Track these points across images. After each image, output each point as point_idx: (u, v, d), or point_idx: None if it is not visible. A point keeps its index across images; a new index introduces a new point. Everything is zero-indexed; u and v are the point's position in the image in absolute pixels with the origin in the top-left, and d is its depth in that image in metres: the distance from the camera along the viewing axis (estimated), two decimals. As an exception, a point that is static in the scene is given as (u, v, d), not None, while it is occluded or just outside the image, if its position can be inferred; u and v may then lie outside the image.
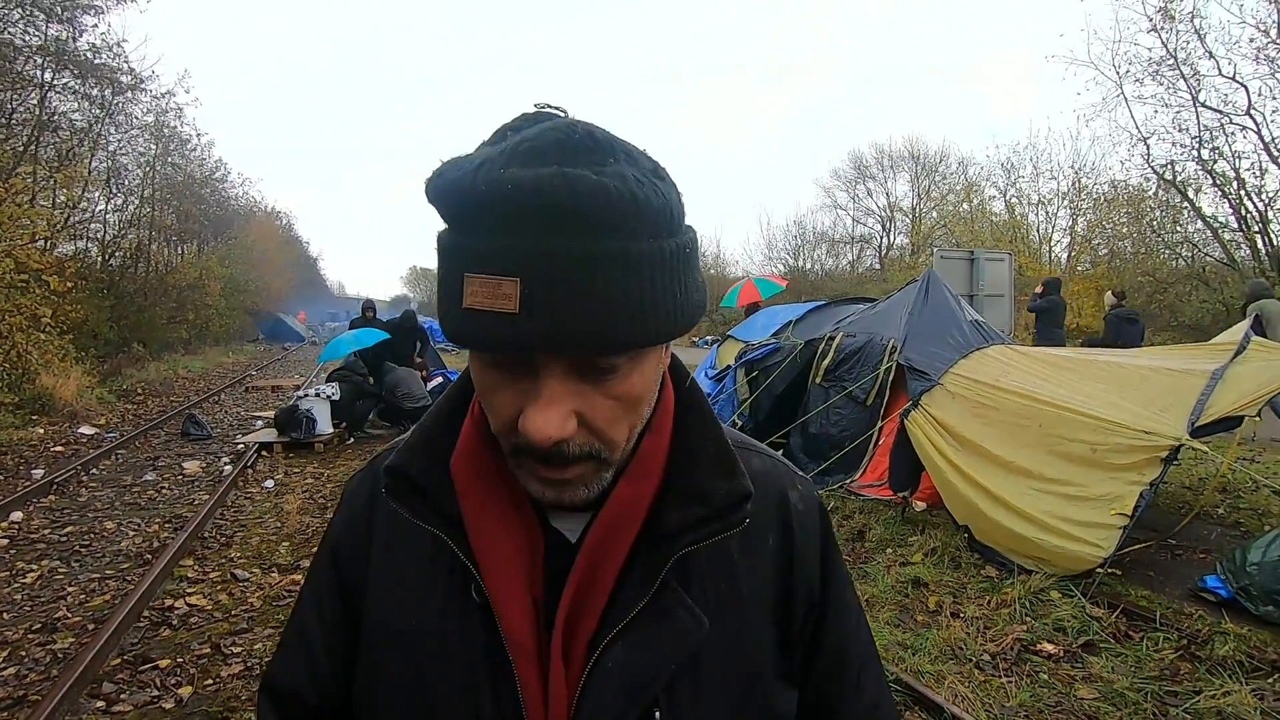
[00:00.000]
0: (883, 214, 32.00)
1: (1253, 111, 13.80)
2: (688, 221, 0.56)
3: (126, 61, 15.02)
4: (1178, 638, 3.32)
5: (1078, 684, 3.01)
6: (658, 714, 0.59)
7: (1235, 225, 14.56)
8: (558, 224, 0.46)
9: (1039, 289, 10.03)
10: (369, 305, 11.04)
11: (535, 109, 0.54)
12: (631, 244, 0.48)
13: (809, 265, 32.42)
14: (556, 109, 0.54)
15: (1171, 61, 14.57)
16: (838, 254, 33.21)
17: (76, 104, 14.31)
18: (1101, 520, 3.76)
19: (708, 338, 23.51)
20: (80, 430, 9.31)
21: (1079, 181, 21.19)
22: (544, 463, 0.54)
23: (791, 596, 0.67)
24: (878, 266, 30.28)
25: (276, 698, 0.71)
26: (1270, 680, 2.96)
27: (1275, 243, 13.82)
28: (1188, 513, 4.94)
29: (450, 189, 0.49)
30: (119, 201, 17.49)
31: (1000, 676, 3.06)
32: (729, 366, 7.44)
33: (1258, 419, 4.78)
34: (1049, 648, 3.29)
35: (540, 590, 0.60)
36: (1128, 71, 15.60)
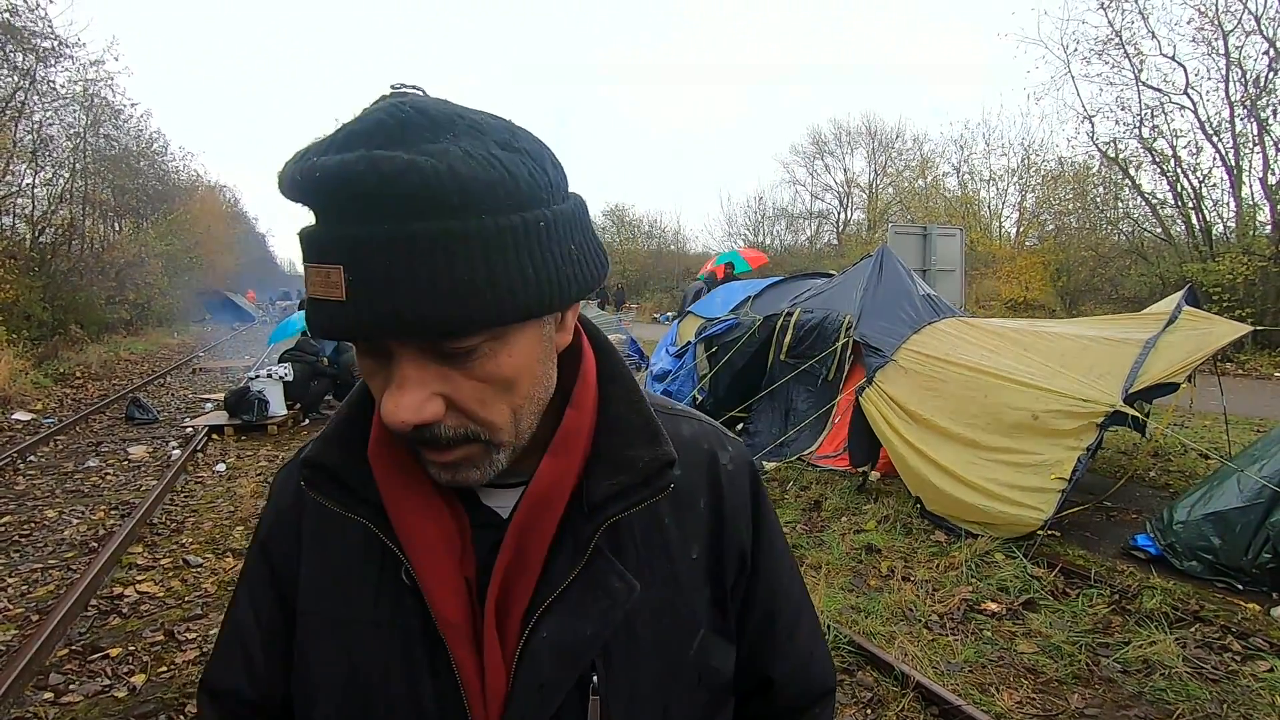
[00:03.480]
0: (840, 189, 32.35)
1: (1190, 91, 14.32)
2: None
3: (50, 25, 14.12)
4: (1110, 593, 3.53)
5: (1018, 639, 3.18)
6: (595, 678, 0.60)
7: (1171, 202, 15.16)
8: (368, 209, 0.46)
9: None
10: None
11: (392, 89, 0.52)
12: (455, 222, 0.47)
13: (768, 241, 32.65)
14: (414, 88, 0.53)
15: (1117, 40, 14.98)
16: (796, 229, 33.52)
17: (-6, 70, 13.42)
18: (1042, 485, 3.94)
19: (668, 314, 23.62)
20: (14, 416, 8.88)
21: (1028, 158, 21.78)
22: (423, 446, 0.54)
23: (723, 555, 0.68)
24: (835, 242, 30.68)
25: (216, 697, 0.71)
26: (1192, 629, 3.18)
27: (1208, 219, 14.46)
28: (1122, 476, 5.22)
29: (280, 180, 0.49)
30: (47, 175, 16.54)
31: (947, 635, 3.21)
32: (689, 343, 7.49)
33: (1191, 385, 5.05)
34: (993, 606, 3.46)
35: (473, 570, 0.60)
36: (1075, 50, 15.99)
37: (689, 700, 0.65)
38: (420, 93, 0.52)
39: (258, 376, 8.30)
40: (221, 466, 6.51)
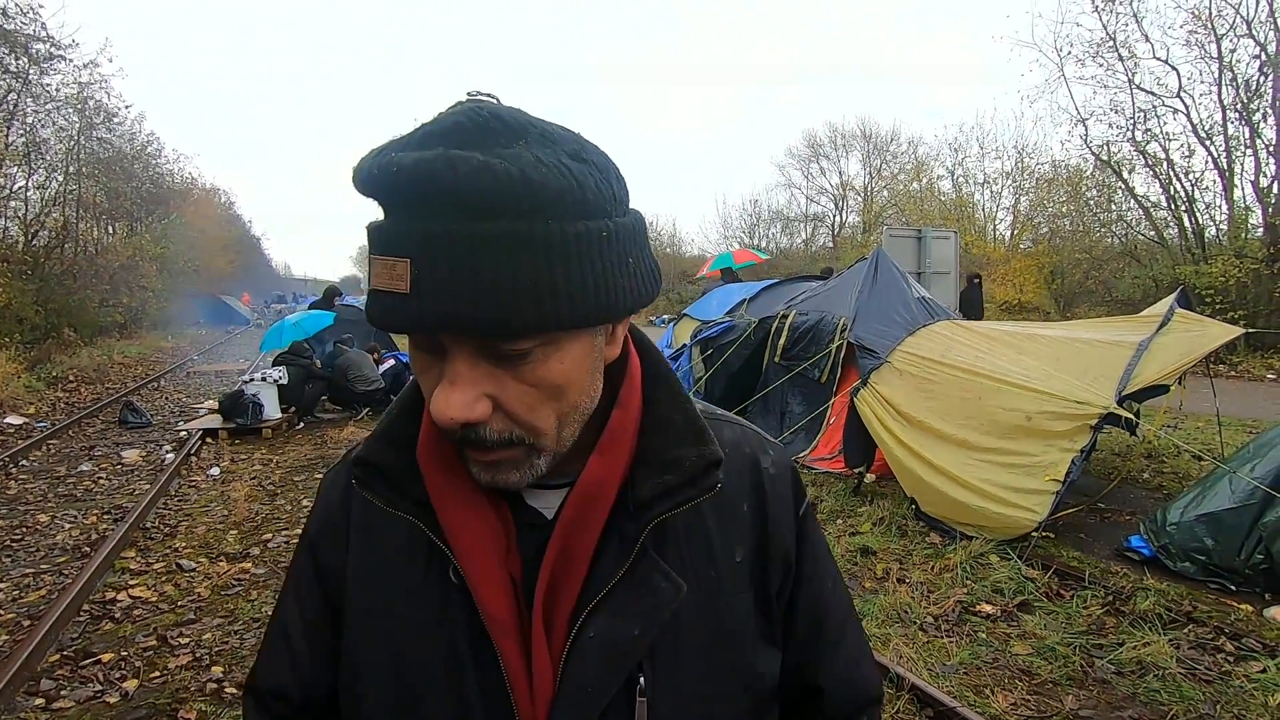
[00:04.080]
0: (836, 192, 32.49)
1: (1183, 94, 14.43)
2: (633, 206, 0.56)
3: (44, 28, 14.07)
4: (1104, 595, 3.54)
5: (1013, 641, 3.18)
6: (641, 680, 0.60)
7: (1164, 205, 15.25)
8: (441, 206, 0.47)
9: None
10: (333, 290, 11.29)
11: (468, 96, 0.54)
12: (522, 225, 0.47)
13: (764, 243, 32.74)
14: (489, 96, 0.54)
15: (1110, 44, 15.08)
16: (792, 232, 33.68)
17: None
18: (1036, 487, 3.95)
19: (664, 316, 23.60)
20: (6, 420, 8.83)
21: (1022, 161, 21.89)
22: (466, 445, 0.55)
23: (767, 560, 0.68)
24: (831, 245, 30.76)
25: (261, 697, 0.71)
26: (1185, 630, 3.19)
27: (1200, 222, 14.55)
28: (1116, 478, 5.24)
29: (355, 174, 0.50)
30: (40, 178, 16.47)
31: (942, 637, 3.21)
32: (684, 345, 7.49)
33: (1182, 387, 5.08)
34: (987, 608, 3.46)
35: (518, 569, 0.61)
36: (1069, 52, 16.10)
37: (734, 704, 0.65)
38: (495, 100, 0.54)
39: (252, 380, 8.27)
40: (216, 470, 6.48)
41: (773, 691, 0.69)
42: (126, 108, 20.28)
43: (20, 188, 15.62)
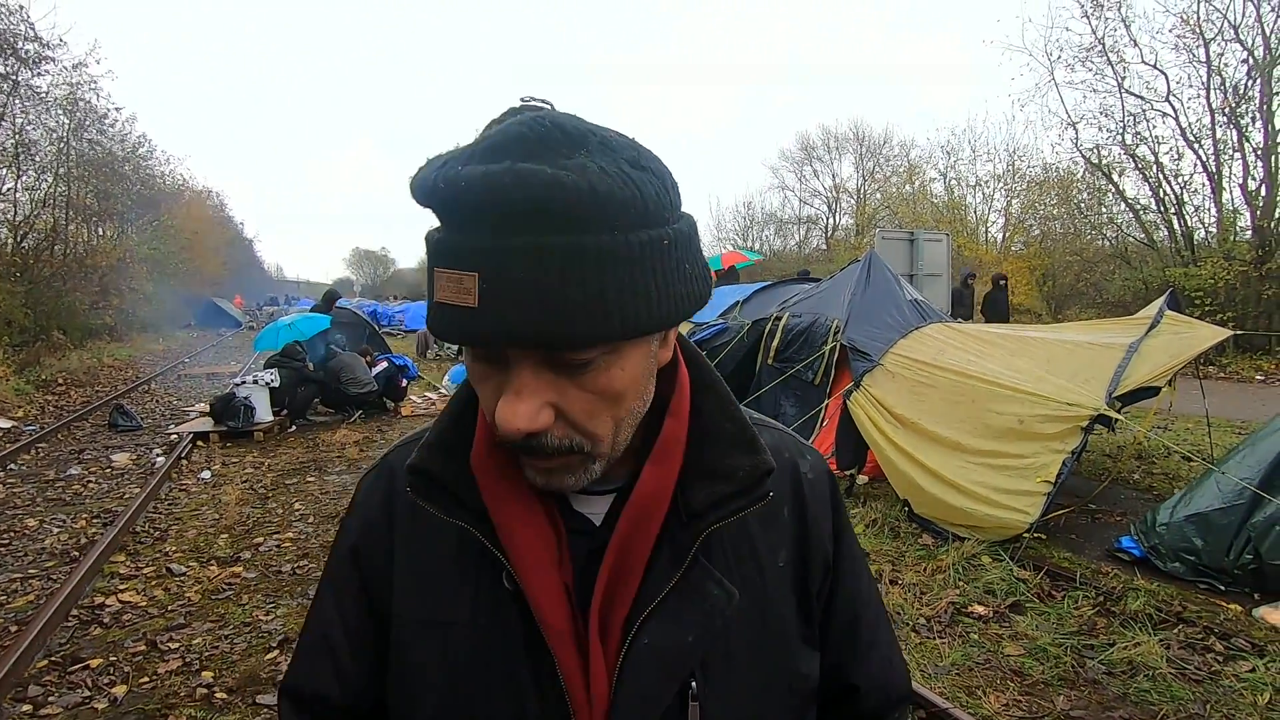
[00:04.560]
0: (829, 195, 32.62)
1: (1171, 98, 14.55)
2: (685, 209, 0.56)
3: (33, 28, 13.98)
4: (1095, 595, 3.56)
5: (1005, 642, 3.19)
6: (694, 685, 0.61)
7: (1154, 207, 15.37)
8: (510, 219, 0.47)
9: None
10: (333, 294, 11.40)
11: (521, 103, 0.54)
12: (590, 238, 0.48)
13: (758, 245, 32.81)
14: (543, 102, 0.54)
15: (1100, 48, 15.20)
16: (785, 234, 33.75)
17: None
18: (1028, 488, 3.97)
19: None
20: (-5, 423, 8.76)
21: (1014, 164, 22.01)
22: (526, 454, 0.55)
23: (808, 563, 0.69)
24: (824, 247, 30.86)
25: (302, 703, 0.70)
26: (1175, 630, 3.21)
27: (1189, 224, 14.66)
28: (1106, 479, 5.27)
29: (417, 186, 0.50)
30: (30, 179, 16.33)
31: (935, 638, 3.22)
32: (678, 347, 7.49)
33: (1173, 389, 5.12)
34: (980, 609, 3.47)
35: (571, 576, 0.61)
36: (1059, 57, 16.25)
37: (781, 706, 0.66)
38: (550, 106, 0.54)
39: (244, 382, 8.23)
40: (206, 474, 6.44)
41: (814, 692, 0.70)
42: (117, 109, 20.10)
43: (9, 189, 15.51)
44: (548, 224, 0.47)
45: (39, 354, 13.79)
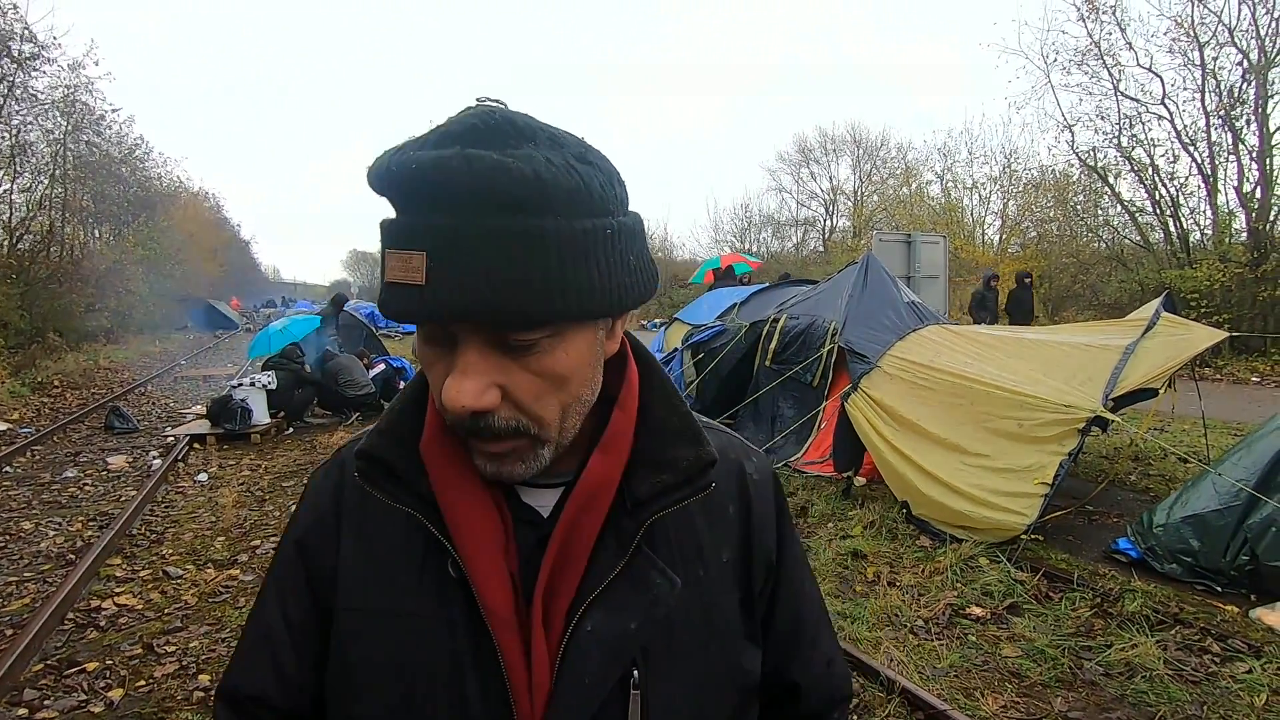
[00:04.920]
0: (826, 197, 32.64)
1: (1166, 101, 14.59)
2: (633, 208, 0.59)
3: (28, 28, 13.95)
4: (1092, 596, 3.56)
5: (1003, 643, 3.20)
6: (636, 673, 0.61)
7: (1150, 209, 15.41)
8: (457, 201, 0.49)
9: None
10: (341, 298, 11.48)
11: (477, 102, 0.56)
12: (534, 221, 0.50)
13: (755, 248, 32.83)
14: (497, 102, 0.56)
15: (1095, 51, 15.24)
16: (783, 236, 33.76)
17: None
18: (1025, 490, 3.98)
19: (656, 320, 23.61)
20: (-10, 426, 8.73)
21: (1010, 166, 22.06)
22: (474, 435, 0.57)
23: (752, 562, 0.71)
24: (821, 249, 30.89)
25: (239, 704, 0.69)
26: (1172, 632, 3.21)
27: (1185, 226, 14.71)
28: (1103, 481, 5.28)
29: (372, 173, 0.53)
30: (26, 181, 16.29)
31: (933, 640, 3.22)
32: (676, 349, 7.50)
33: (1173, 390, 5.13)
34: (977, 611, 3.48)
35: (516, 564, 0.62)
36: (1055, 60, 16.24)
37: (722, 700, 0.67)
38: (504, 105, 0.56)
39: (241, 385, 8.21)
40: (203, 476, 6.42)
41: (755, 688, 0.71)
42: (114, 110, 20.06)
43: (5, 191, 15.46)
44: (494, 206, 0.49)
45: (35, 356, 13.74)
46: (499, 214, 0.49)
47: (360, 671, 0.63)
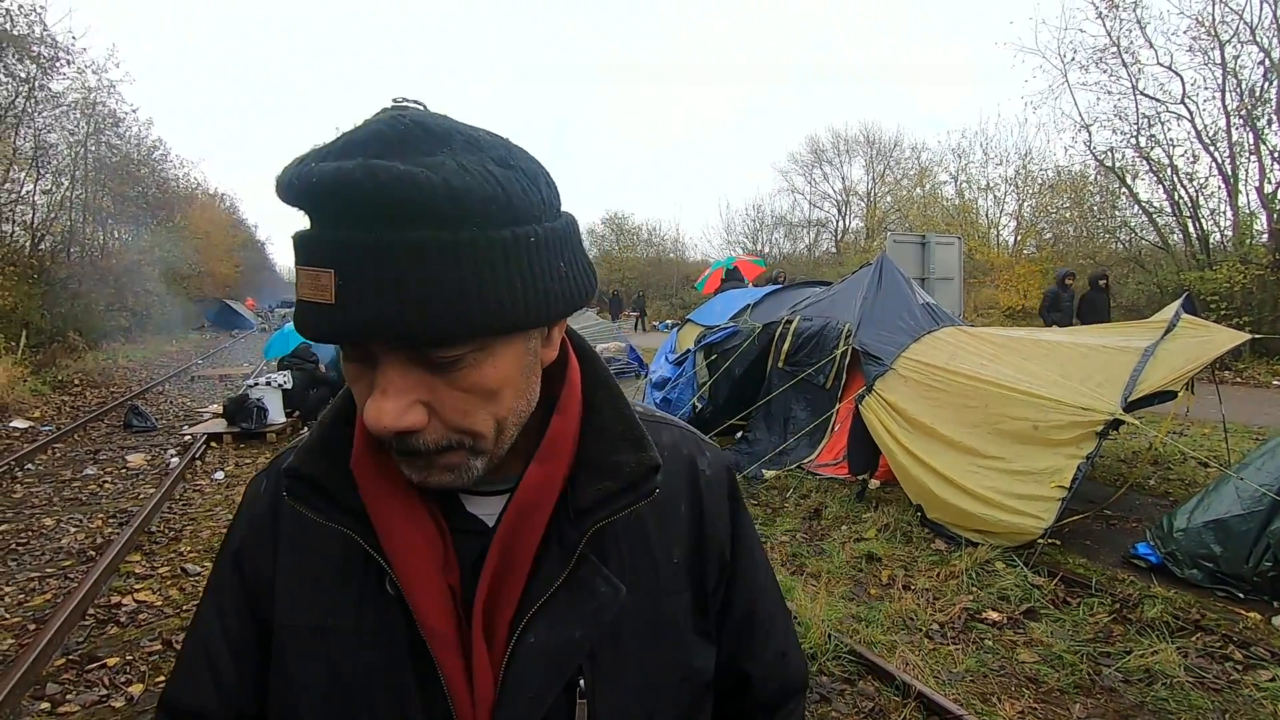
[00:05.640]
0: (839, 198, 32.49)
1: (1186, 100, 14.40)
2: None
3: (49, 32, 14.17)
4: (1111, 602, 3.52)
5: (1019, 649, 3.16)
6: (582, 683, 0.60)
7: (1169, 210, 15.21)
8: (362, 215, 0.47)
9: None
10: None
11: (393, 103, 0.53)
12: (446, 233, 0.47)
13: (767, 249, 32.74)
14: (415, 103, 0.53)
15: (1114, 50, 15.07)
16: (795, 237, 33.64)
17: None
18: (1042, 493, 3.94)
19: (668, 321, 23.60)
20: (12, 424, 8.86)
21: (1026, 167, 21.86)
22: (403, 455, 0.55)
23: (704, 558, 0.69)
24: (834, 250, 30.76)
25: (178, 716, 0.67)
26: (1193, 638, 3.17)
27: (1205, 227, 14.51)
28: (1122, 484, 5.22)
29: (277, 184, 0.50)
30: (47, 183, 16.55)
31: (948, 644, 3.19)
32: (689, 350, 7.49)
33: (1191, 394, 5.06)
34: (994, 615, 3.45)
35: (456, 577, 0.60)
36: (1073, 59, 16.09)
37: (673, 701, 0.66)
38: (421, 107, 0.53)
39: (256, 384, 8.29)
40: (220, 474, 6.49)
41: (708, 685, 0.70)
42: (133, 111, 20.39)
43: (28, 192, 15.71)
44: (401, 219, 0.46)
45: (55, 355, 13.95)
46: (407, 227, 0.46)
47: (300, 690, 0.62)
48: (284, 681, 0.63)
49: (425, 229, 0.47)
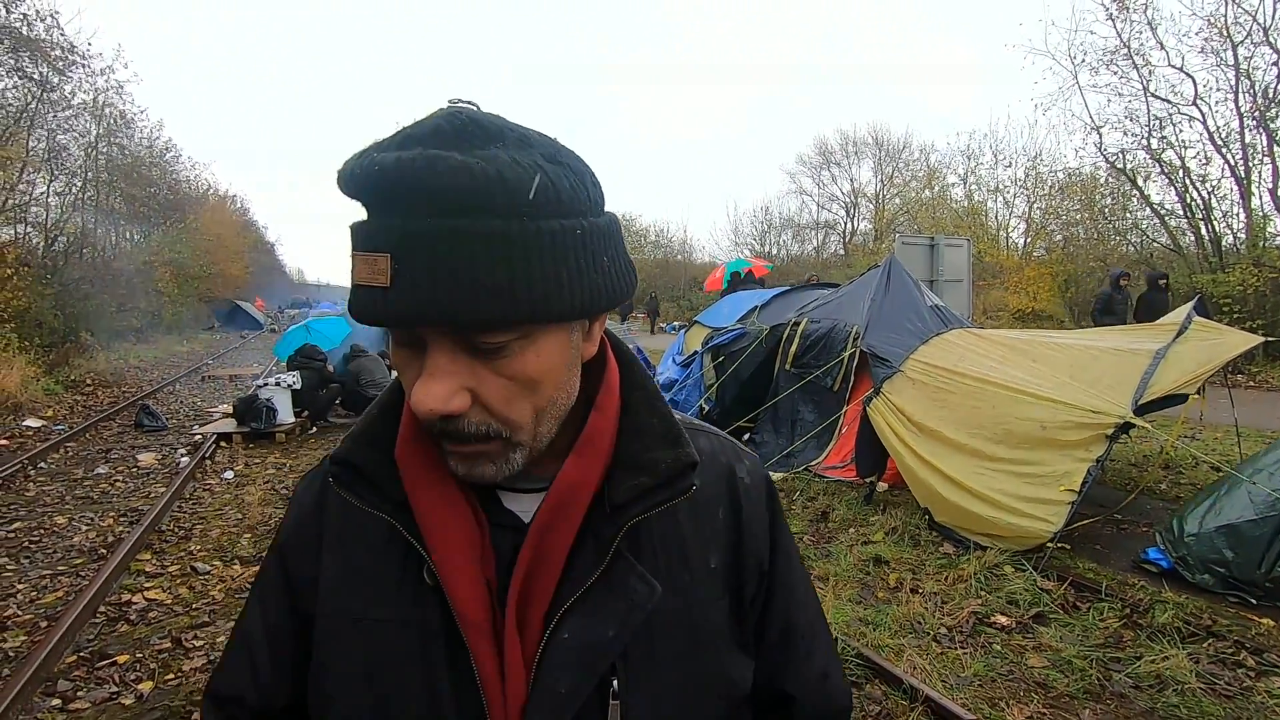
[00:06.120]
0: (847, 200, 32.39)
1: (1199, 102, 14.27)
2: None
3: (63, 34, 14.32)
4: (1121, 607, 3.49)
5: (1028, 653, 3.14)
6: (615, 682, 0.60)
7: (1181, 213, 15.09)
8: (420, 202, 0.49)
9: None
10: None
11: (448, 103, 0.55)
12: (498, 222, 0.49)
13: (775, 250, 32.68)
14: (468, 103, 0.55)
15: (1125, 51, 14.96)
16: (803, 239, 33.57)
17: (10, 80, 13.61)
18: (1051, 497, 3.91)
19: (676, 323, 23.57)
20: (25, 423, 8.95)
21: (1035, 169, 21.73)
22: (444, 438, 0.56)
23: (742, 567, 0.69)
24: (842, 252, 30.66)
25: (219, 703, 0.71)
26: (1205, 645, 3.14)
27: (1217, 230, 14.38)
28: (1132, 488, 5.17)
29: (340, 176, 0.53)
30: (60, 184, 16.71)
31: (956, 648, 3.18)
32: (696, 352, 7.49)
33: (1200, 397, 5.01)
34: (1002, 620, 3.42)
35: (493, 571, 0.61)
36: (1083, 60, 16.01)
37: (708, 710, 0.65)
38: (475, 107, 0.55)
39: (266, 384, 8.34)
40: (230, 474, 6.53)
41: (746, 699, 0.69)
42: (143, 112, 20.59)
43: (41, 194, 15.87)
44: (457, 207, 0.48)
45: (68, 355, 14.07)
46: (462, 215, 0.48)
47: (334, 677, 0.63)
48: (321, 671, 0.65)
49: (478, 218, 0.49)
